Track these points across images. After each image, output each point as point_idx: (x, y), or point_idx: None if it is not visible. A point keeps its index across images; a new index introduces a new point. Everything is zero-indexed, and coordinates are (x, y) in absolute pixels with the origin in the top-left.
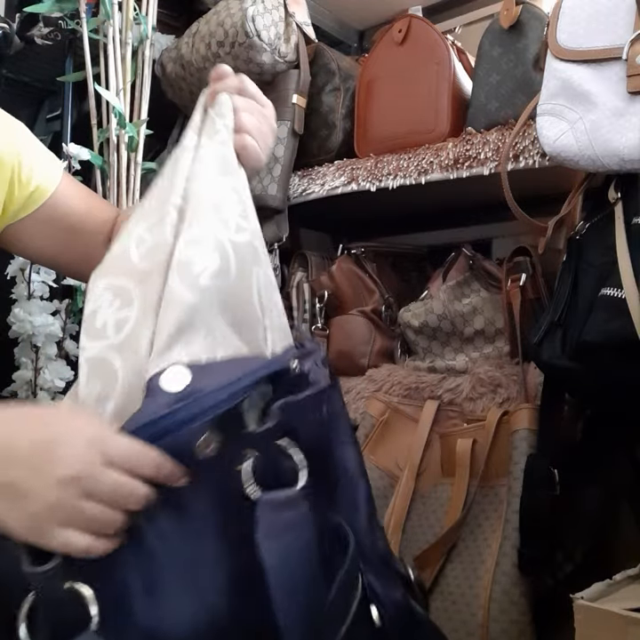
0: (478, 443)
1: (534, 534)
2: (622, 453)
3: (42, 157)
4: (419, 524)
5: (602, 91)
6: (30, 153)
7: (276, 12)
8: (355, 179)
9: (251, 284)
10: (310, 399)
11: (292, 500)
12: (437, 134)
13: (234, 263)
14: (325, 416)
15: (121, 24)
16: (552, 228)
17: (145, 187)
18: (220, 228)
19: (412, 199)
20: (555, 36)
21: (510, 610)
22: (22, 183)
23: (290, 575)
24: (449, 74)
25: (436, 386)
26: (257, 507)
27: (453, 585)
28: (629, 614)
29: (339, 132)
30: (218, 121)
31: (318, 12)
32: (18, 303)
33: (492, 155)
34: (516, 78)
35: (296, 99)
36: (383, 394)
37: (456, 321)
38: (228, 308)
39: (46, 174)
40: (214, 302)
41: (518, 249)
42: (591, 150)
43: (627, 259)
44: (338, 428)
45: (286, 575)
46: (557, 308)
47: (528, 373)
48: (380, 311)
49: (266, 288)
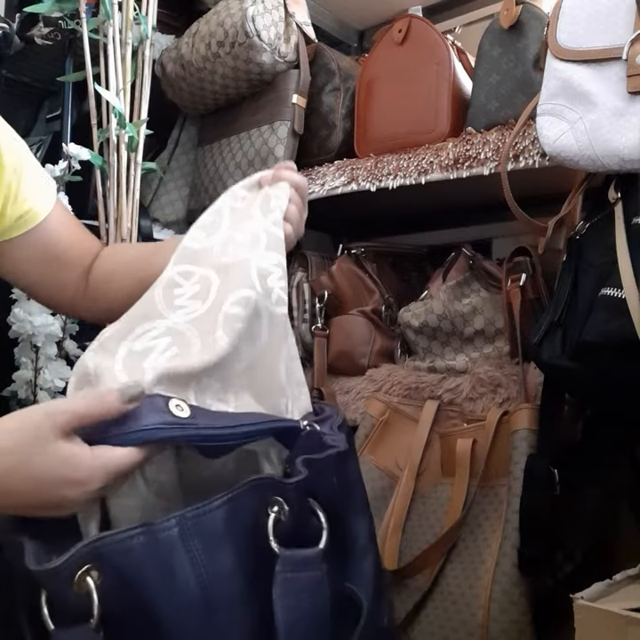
0: (478, 443)
1: (534, 534)
2: (622, 453)
3: (39, 179)
4: (419, 524)
5: (602, 91)
6: (31, 172)
7: (276, 12)
8: (355, 179)
9: (279, 353)
10: (332, 459)
11: (313, 560)
12: (437, 134)
13: (266, 331)
14: (343, 481)
15: (121, 24)
16: (552, 228)
17: (145, 187)
18: (263, 295)
19: (411, 199)
20: (555, 35)
21: (510, 610)
22: (18, 201)
23: (302, 636)
24: (449, 74)
25: (435, 386)
26: (278, 561)
27: (453, 585)
28: (629, 614)
29: (339, 132)
30: (273, 202)
31: (318, 12)
32: (18, 303)
33: (492, 155)
34: (516, 78)
35: (296, 99)
36: (383, 394)
37: (456, 321)
38: (253, 373)
39: (41, 198)
40: (242, 363)
41: (518, 249)
42: (591, 150)
43: (627, 259)
44: (354, 496)
45: (299, 635)
46: (557, 308)
47: (528, 373)
48: (380, 311)
49: (291, 360)
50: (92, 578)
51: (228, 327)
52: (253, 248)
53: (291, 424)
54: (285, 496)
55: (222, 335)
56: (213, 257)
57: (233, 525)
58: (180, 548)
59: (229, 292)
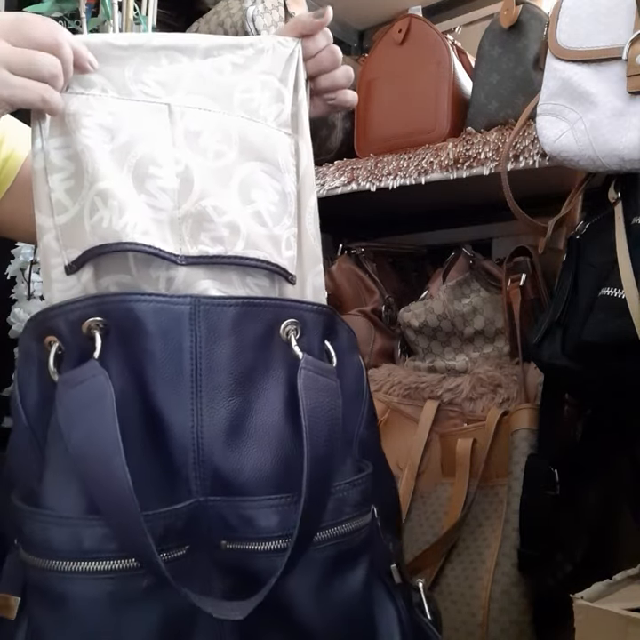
0: (478, 443)
1: (534, 534)
2: (622, 453)
3: (13, 124)
4: (419, 524)
5: (602, 91)
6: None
7: (276, 12)
8: (355, 179)
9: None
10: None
11: (331, 370)
12: (437, 134)
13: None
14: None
15: (121, 24)
16: (552, 228)
17: None
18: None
19: (411, 199)
20: (555, 35)
21: (510, 610)
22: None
23: (322, 419)
24: (449, 74)
25: (435, 386)
26: (302, 361)
27: (453, 585)
28: (629, 614)
29: (339, 131)
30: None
31: None
32: (18, 303)
33: (492, 155)
34: (516, 78)
35: None
36: (383, 394)
37: (456, 321)
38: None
39: (17, 139)
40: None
41: (518, 249)
42: (591, 150)
43: (627, 259)
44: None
45: (319, 417)
46: (557, 307)
47: (528, 373)
48: (380, 311)
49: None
50: (99, 326)
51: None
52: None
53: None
54: (303, 319)
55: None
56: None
57: (243, 326)
58: (187, 324)
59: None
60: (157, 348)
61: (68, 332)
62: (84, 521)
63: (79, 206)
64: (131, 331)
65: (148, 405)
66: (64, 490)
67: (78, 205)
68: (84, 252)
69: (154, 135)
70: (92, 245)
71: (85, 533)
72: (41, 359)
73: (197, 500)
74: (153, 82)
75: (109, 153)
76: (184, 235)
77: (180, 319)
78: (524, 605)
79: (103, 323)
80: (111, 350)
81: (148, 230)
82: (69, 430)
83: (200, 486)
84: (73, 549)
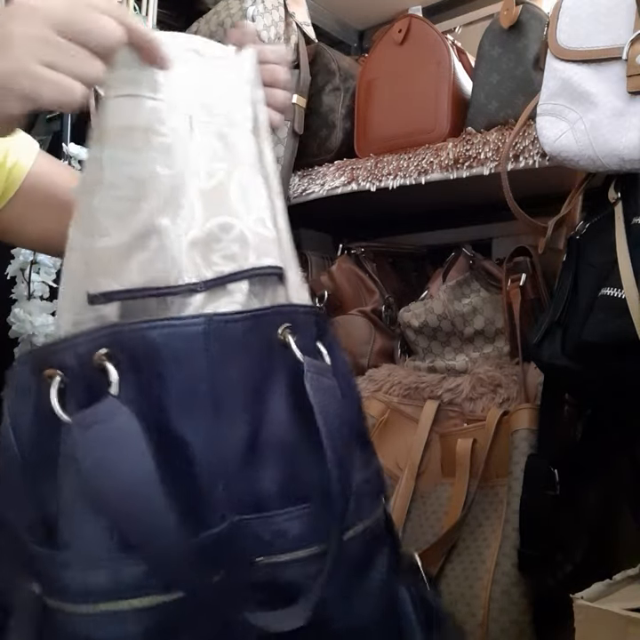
0: (478, 443)
1: (534, 534)
2: (622, 453)
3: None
4: (419, 524)
5: (602, 91)
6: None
7: (276, 12)
8: (355, 179)
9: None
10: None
11: (327, 369)
12: (437, 134)
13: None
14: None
15: None
16: (552, 228)
17: None
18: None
19: (411, 199)
20: (555, 35)
21: (510, 610)
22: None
23: (333, 415)
24: (449, 74)
25: (435, 386)
26: (305, 364)
27: (453, 585)
28: (629, 614)
29: (339, 131)
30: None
31: (318, 11)
32: (18, 303)
33: (492, 155)
34: (516, 78)
35: (296, 99)
36: (383, 394)
37: (456, 321)
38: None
39: (21, 149)
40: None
41: (518, 249)
42: (591, 150)
43: (627, 258)
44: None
45: (330, 413)
46: (557, 307)
47: (528, 373)
48: (380, 311)
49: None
50: (110, 358)
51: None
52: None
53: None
54: (296, 322)
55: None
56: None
57: (250, 339)
58: (201, 345)
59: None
60: (173, 374)
61: (75, 364)
62: (120, 559)
63: (128, 235)
64: (145, 358)
65: (169, 433)
66: (89, 529)
67: (127, 234)
68: (127, 289)
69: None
70: (139, 286)
71: (124, 572)
72: (39, 393)
73: (231, 521)
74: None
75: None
76: (197, 259)
77: (194, 341)
78: (524, 605)
79: (115, 353)
80: (124, 380)
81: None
82: (95, 471)
83: (231, 508)
84: (112, 589)
